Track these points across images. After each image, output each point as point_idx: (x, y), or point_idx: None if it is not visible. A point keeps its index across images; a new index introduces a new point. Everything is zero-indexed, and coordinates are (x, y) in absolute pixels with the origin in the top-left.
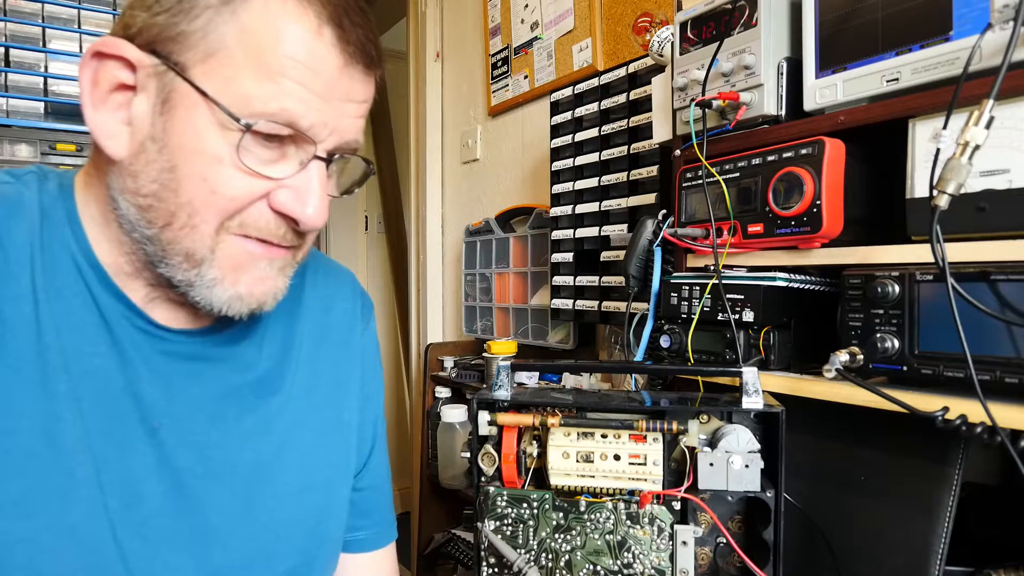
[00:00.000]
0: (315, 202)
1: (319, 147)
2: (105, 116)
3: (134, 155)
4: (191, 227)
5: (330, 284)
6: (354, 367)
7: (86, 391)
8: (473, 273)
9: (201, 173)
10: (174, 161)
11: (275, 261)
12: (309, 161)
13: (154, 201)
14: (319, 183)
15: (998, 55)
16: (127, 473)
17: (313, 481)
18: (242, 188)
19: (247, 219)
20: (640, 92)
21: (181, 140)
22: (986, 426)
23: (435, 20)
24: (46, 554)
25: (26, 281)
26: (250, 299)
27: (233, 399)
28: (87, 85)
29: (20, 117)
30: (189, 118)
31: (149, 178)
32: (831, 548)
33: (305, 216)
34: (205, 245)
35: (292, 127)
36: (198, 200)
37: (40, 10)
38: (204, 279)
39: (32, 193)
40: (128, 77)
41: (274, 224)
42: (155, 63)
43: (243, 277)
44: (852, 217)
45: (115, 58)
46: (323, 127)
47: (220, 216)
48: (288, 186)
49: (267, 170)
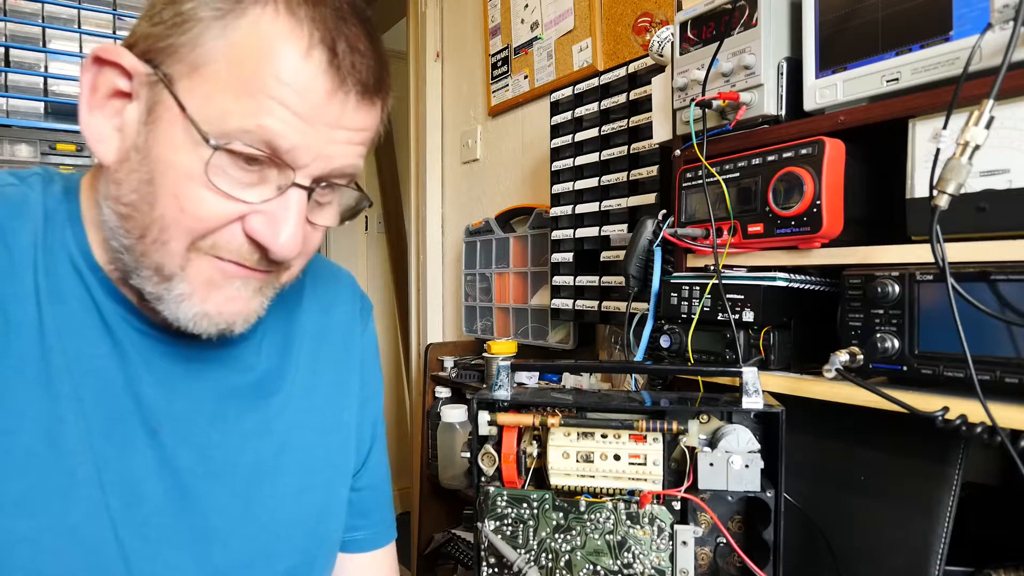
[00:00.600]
0: (289, 231)
1: (299, 173)
2: (99, 120)
3: (119, 162)
4: (161, 243)
5: (329, 286)
6: (353, 368)
7: (87, 392)
8: (473, 273)
9: (173, 189)
10: (152, 173)
11: (251, 282)
12: (288, 187)
13: (132, 211)
14: (296, 211)
15: (998, 55)
16: (128, 473)
17: (313, 481)
18: (212, 209)
19: (219, 241)
20: (640, 92)
21: (159, 153)
22: (986, 426)
23: (435, 20)
24: (47, 554)
25: (29, 282)
26: (218, 318)
27: (233, 400)
28: (86, 89)
29: (20, 117)
30: (168, 131)
31: (130, 187)
32: (831, 548)
33: (276, 245)
34: (174, 262)
35: (270, 147)
36: (168, 216)
37: (40, 10)
38: (172, 293)
39: (36, 195)
40: (125, 84)
41: (247, 249)
42: (148, 72)
43: (213, 295)
44: (852, 217)
45: (113, 64)
46: (305, 151)
47: (189, 235)
48: (263, 211)
49: (241, 193)
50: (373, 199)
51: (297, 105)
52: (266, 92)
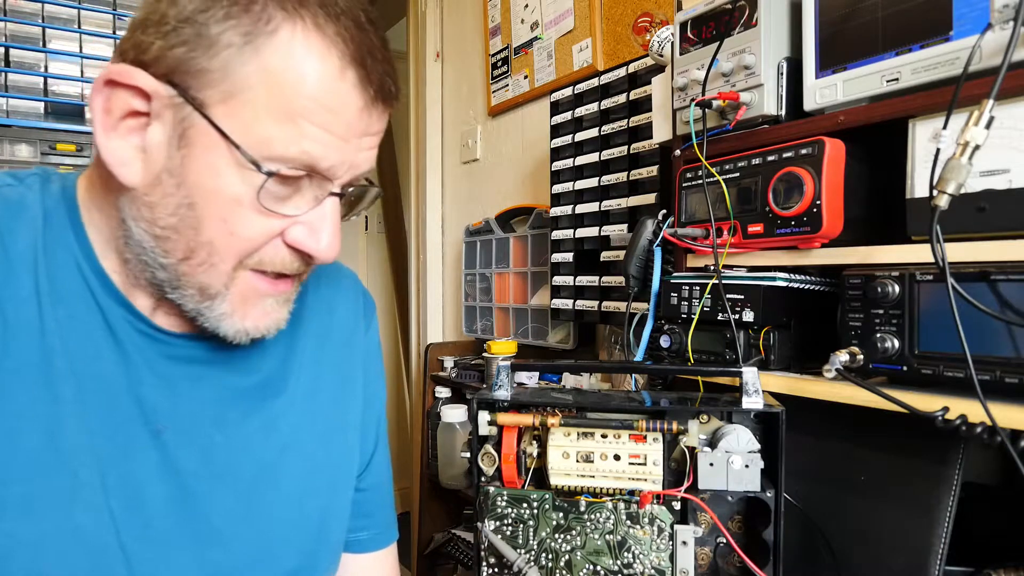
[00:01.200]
0: (328, 237)
1: (335, 184)
2: (118, 143)
3: (150, 186)
4: (210, 264)
5: (333, 285)
6: (357, 368)
7: (90, 394)
8: (473, 273)
9: (221, 214)
10: (193, 198)
11: (281, 295)
12: (325, 197)
13: (172, 234)
14: (334, 218)
15: (998, 55)
16: (131, 476)
17: (316, 483)
18: (260, 229)
19: (264, 256)
20: (640, 92)
21: (199, 179)
22: (986, 426)
23: (435, 20)
24: (50, 556)
25: (29, 284)
26: (255, 331)
27: (236, 402)
28: (99, 112)
29: (20, 117)
30: (208, 157)
31: (167, 211)
32: (831, 548)
33: (319, 251)
34: (221, 281)
35: (311, 169)
36: (218, 240)
37: (40, 10)
38: (214, 311)
39: (35, 196)
40: (141, 105)
41: (289, 259)
42: (172, 94)
43: (251, 312)
44: (852, 217)
45: (128, 87)
46: (341, 166)
47: (239, 256)
48: (302, 222)
49: (283, 208)
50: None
51: (334, 126)
52: (305, 116)
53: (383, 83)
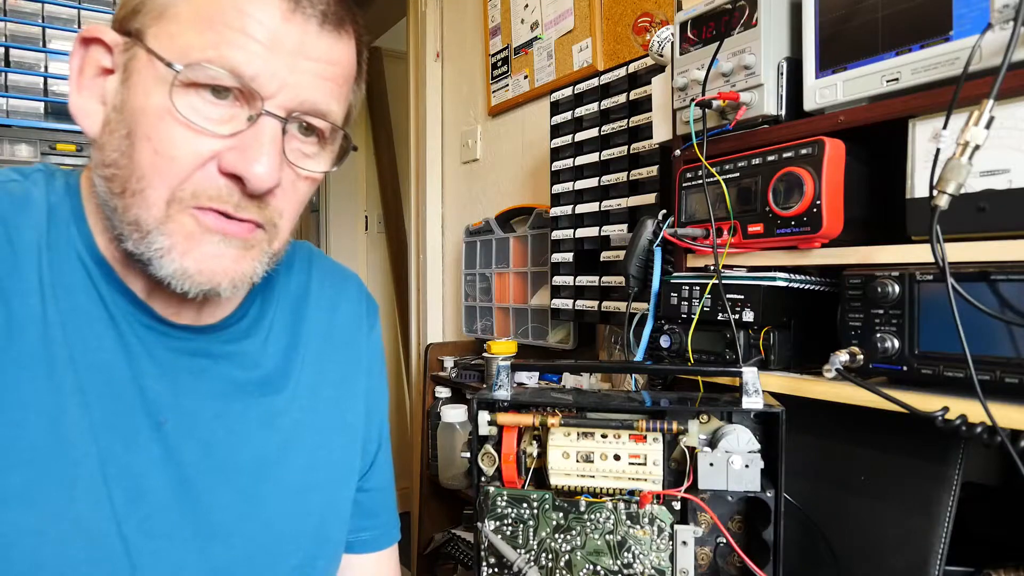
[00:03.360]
0: (265, 160)
1: (268, 103)
2: (86, 98)
3: (103, 129)
4: (139, 192)
5: (336, 286)
6: (359, 369)
7: (92, 385)
8: (473, 273)
9: (146, 132)
10: (129, 126)
11: (232, 240)
12: (259, 117)
13: (115, 170)
14: (269, 139)
15: (998, 55)
16: (132, 467)
17: (316, 480)
18: (185, 148)
19: (198, 187)
20: (640, 92)
21: (132, 102)
22: (986, 426)
23: (435, 20)
24: (51, 546)
25: (33, 277)
26: (199, 276)
27: (238, 396)
28: (75, 71)
29: (20, 117)
30: (140, 80)
31: (112, 147)
32: (831, 548)
33: (252, 174)
34: (152, 215)
35: (233, 74)
36: (145, 162)
37: (40, 10)
38: (151, 248)
39: (40, 191)
40: (108, 61)
41: (225, 191)
42: (125, 40)
43: (193, 251)
44: (852, 217)
45: (96, 42)
46: (270, 78)
47: (167, 181)
48: (236, 145)
49: (212, 127)
50: (373, 199)
51: (256, 31)
52: (225, 22)
53: None
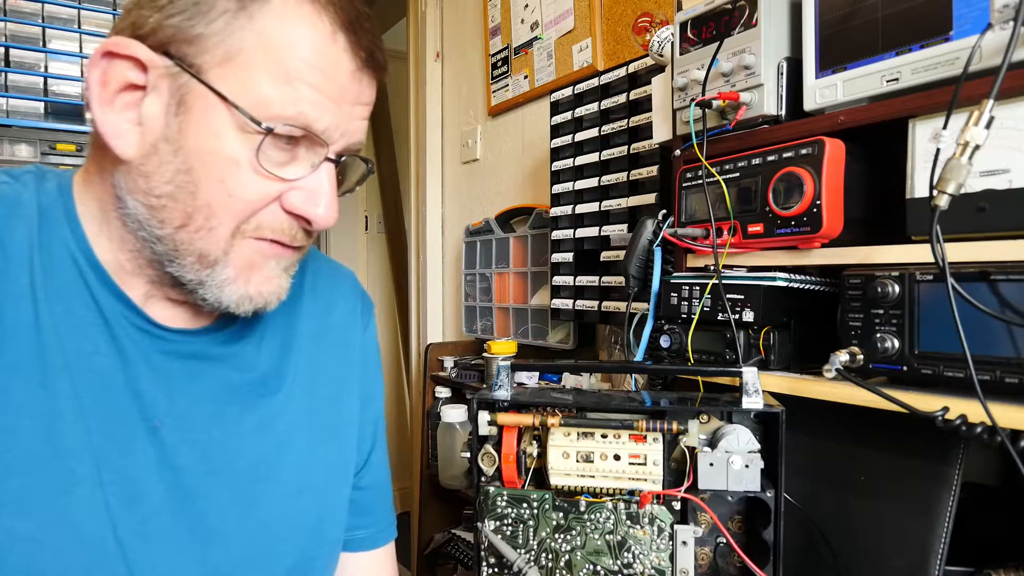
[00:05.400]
0: (327, 202)
1: (330, 149)
2: (114, 116)
3: (145, 156)
4: (208, 229)
5: (331, 284)
6: (354, 367)
7: (87, 389)
8: (473, 273)
9: (219, 176)
10: (190, 163)
11: (282, 261)
12: (321, 163)
13: (168, 202)
14: (330, 184)
15: (998, 55)
16: (128, 471)
17: (313, 480)
18: (258, 191)
19: (262, 221)
20: (640, 92)
21: (198, 143)
22: (986, 426)
23: (435, 20)
24: (47, 552)
25: (25, 281)
26: (258, 298)
27: (233, 398)
28: (96, 85)
29: (20, 117)
30: (206, 121)
31: (163, 179)
32: (831, 548)
33: (317, 216)
34: (219, 247)
35: (307, 130)
36: (216, 203)
37: (40, 10)
38: (216, 279)
39: (30, 193)
40: (138, 77)
41: (287, 225)
42: (168, 64)
43: (254, 277)
44: (852, 217)
45: (126, 58)
46: (335, 130)
47: (236, 219)
48: (300, 187)
49: (281, 172)
50: (373, 200)
51: (327, 88)
52: (300, 78)
53: (371, 50)
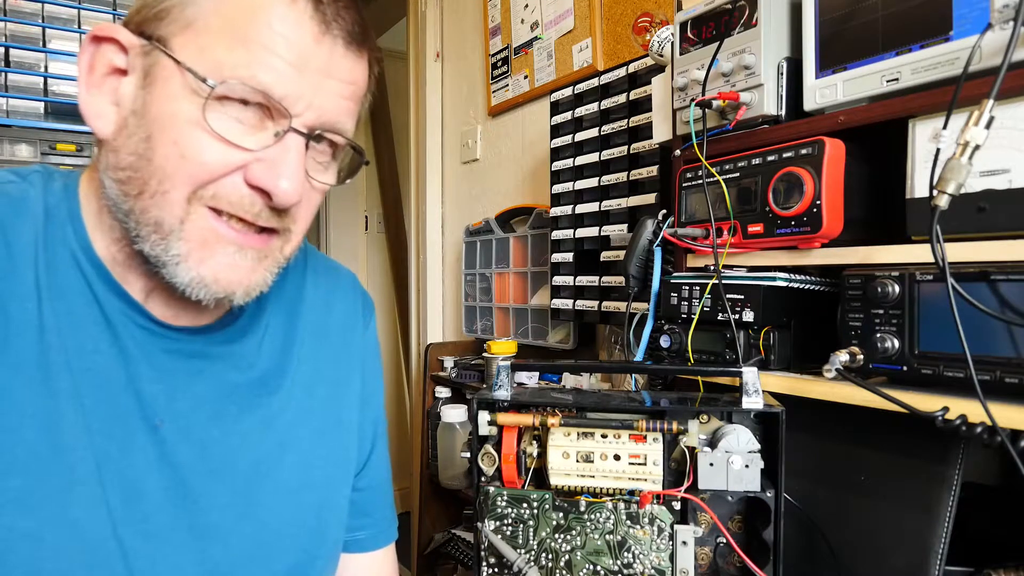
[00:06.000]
0: (290, 175)
1: (295, 120)
2: (97, 98)
3: (117, 131)
4: (161, 193)
5: (331, 284)
6: (354, 367)
7: (88, 388)
8: (473, 273)
9: (172, 137)
10: (150, 130)
11: (247, 250)
12: (285, 133)
13: (131, 172)
14: (295, 156)
15: (998, 55)
16: (128, 470)
17: (312, 479)
18: (214, 155)
19: (220, 191)
20: (640, 92)
21: (158, 108)
22: (986, 426)
23: (435, 20)
24: (47, 550)
25: (30, 279)
26: (215, 285)
27: (234, 397)
28: (84, 69)
29: (20, 117)
30: (166, 88)
31: (128, 150)
32: (831, 548)
33: (279, 190)
34: (174, 214)
35: (264, 94)
36: (169, 164)
37: (40, 10)
38: (169, 253)
39: (37, 192)
40: (122, 61)
41: (248, 200)
42: (143, 43)
43: (209, 259)
44: (852, 217)
45: (109, 40)
46: (298, 99)
47: (190, 182)
48: (263, 159)
49: (240, 140)
50: (373, 199)
51: (287, 52)
52: (258, 41)
53: (343, 20)
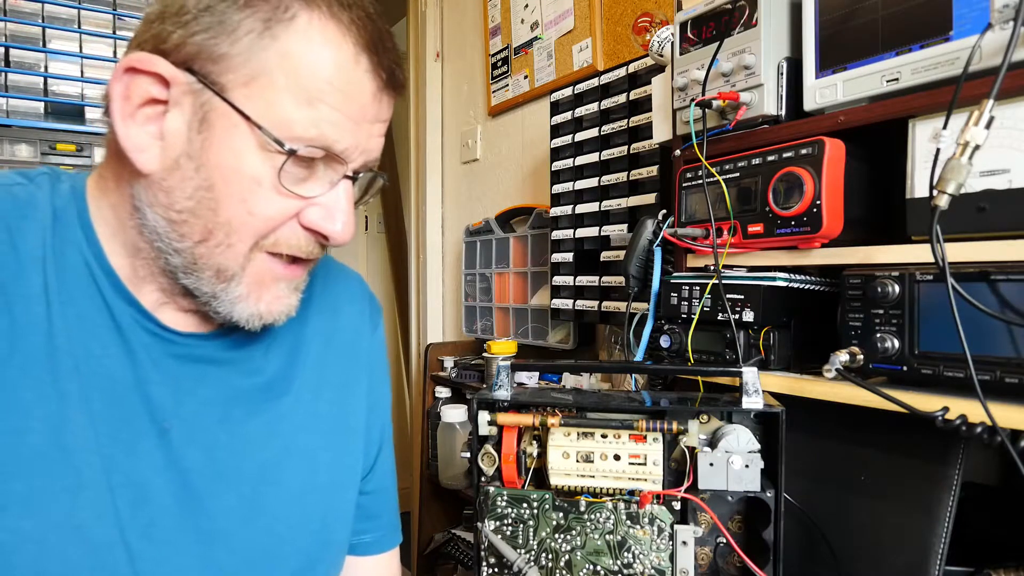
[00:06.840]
0: (344, 219)
1: (349, 167)
2: (135, 130)
3: (167, 171)
4: (227, 245)
5: (339, 287)
6: (361, 371)
7: (96, 392)
8: (473, 273)
9: (240, 195)
10: (212, 180)
11: (293, 281)
12: (339, 180)
13: (189, 217)
14: (348, 199)
15: (998, 55)
16: (135, 474)
17: (319, 484)
18: (278, 209)
19: (280, 237)
20: (640, 92)
21: (220, 160)
22: (986, 426)
23: (435, 20)
24: (53, 553)
25: (38, 282)
26: (268, 316)
27: (241, 401)
28: (118, 99)
29: (20, 117)
30: (228, 139)
31: (184, 195)
32: (831, 548)
33: (335, 232)
34: (237, 263)
35: (327, 151)
36: (236, 220)
37: (40, 10)
38: (229, 294)
39: (44, 195)
40: (160, 92)
41: (304, 241)
42: (191, 81)
43: (265, 295)
44: (852, 217)
45: (149, 74)
46: (355, 149)
47: (256, 236)
48: (319, 204)
49: (300, 189)
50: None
51: (348, 109)
52: (323, 99)
53: (392, 71)
